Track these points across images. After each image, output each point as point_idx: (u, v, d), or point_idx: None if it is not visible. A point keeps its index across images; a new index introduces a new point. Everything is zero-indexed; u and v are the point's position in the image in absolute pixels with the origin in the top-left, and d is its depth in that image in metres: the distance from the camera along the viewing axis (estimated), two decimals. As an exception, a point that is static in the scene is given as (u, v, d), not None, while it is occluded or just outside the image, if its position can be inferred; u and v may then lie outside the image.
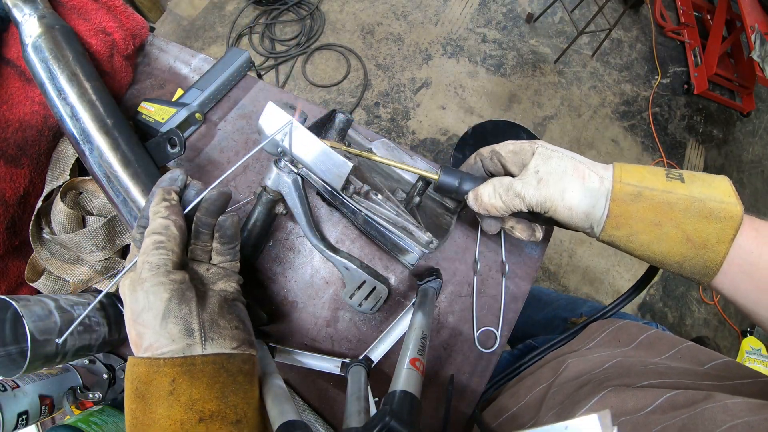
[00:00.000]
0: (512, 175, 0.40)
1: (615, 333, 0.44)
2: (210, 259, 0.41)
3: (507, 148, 0.40)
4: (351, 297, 0.52)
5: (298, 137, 0.42)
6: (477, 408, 0.50)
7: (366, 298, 0.52)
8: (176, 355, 0.31)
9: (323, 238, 0.52)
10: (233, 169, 0.41)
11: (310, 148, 0.42)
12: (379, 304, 0.53)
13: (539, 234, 0.41)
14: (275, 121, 0.42)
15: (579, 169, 0.36)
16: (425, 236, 0.45)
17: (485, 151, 0.42)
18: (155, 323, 0.31)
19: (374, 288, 0.52)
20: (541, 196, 0.36)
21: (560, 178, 0.35)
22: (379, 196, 0.46)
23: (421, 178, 0.48)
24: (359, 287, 0.52)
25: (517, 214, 0.41)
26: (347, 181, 0.42)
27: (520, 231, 0.41)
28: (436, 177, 0.42)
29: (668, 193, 0.34)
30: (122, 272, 0.35)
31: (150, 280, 0.32)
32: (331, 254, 0.51)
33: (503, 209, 0.38)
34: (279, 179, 0.48)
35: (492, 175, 0.43)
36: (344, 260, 0.51)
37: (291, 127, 0.41)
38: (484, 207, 0.39)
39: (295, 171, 0.48)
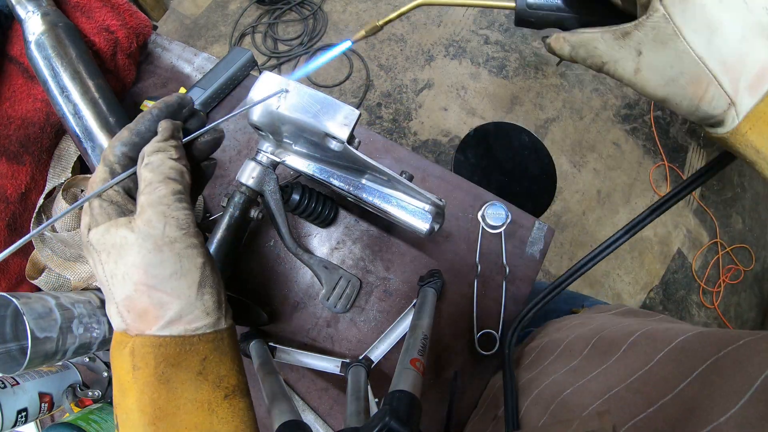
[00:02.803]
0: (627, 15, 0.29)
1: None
2: None
3: None
4: (328, 299, 0.51)
5: (295, 98, 0.40)
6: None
7: (340, 298, 0.52)
8: (208, 330, 0.28)
9: (299, 243, 0.51)
10: (237, 112, 0.40)
11: (311, 104, 0.39)
12: (353, 299, 0.53)
13: None
14: (271, 87, 0.40)
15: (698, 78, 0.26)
16: (428, 201, 0.45)
17: None
18: (189, 293, 0.27)
19: (349, 281, 0.52)
20: (633, 80, 0.28)
21: (665, 73, 0.27)
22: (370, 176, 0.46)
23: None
24: (335, 287, 0.51)
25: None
26: (352, 134, 0.40)
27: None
28: (512, 6, 0.33)
29: None
30: (87, 197, 0.28)
31: (181, 241, 0.27)
32: (309, 256, 0.51)
33: (605, 59, 0.29)
34: (260, 174, 0.46)
35: None
36: (322, 258, 0.51)
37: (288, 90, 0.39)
38: (580, 56, 0.30)
39: (278, 160, 0.47)
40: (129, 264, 0.26)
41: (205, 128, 0.34)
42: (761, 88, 0.25)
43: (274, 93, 0.39)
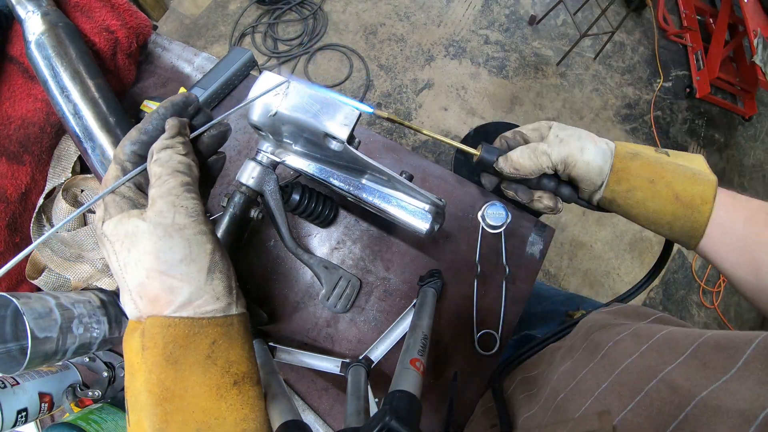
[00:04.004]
0: None
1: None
2: None
3: (527, 127, 0.47)
4: (328, 299, 0.52)
5: (295, 98, 0.40)
6: (495, 373, 0.51)
7: (340, 298, 0.52)
8: (218, 315, 0.28)
9: (299, 243, 0.51)
10: (230, 112, 0.40)
11: (311, 104, 0.39)
12: (353, 299, 0.53)
13: (561, 206, 0.47)
14: (270, 86, 0.40)
15: (590, 135, 0.43)
16: (428, 201, 0.45)
17: (509, 133, 0.47)
18: (199, 278, 0.28)
19: (349, 281, 0.52)
20: (564, 152, 0.42)
21: (578, 139, 0.42)
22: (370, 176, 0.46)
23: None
24: (335, 287, 0.51)
25: (541, 186, 0.47)
26: (352, 134, 0.40)
27: (546, 200, 0.46)
28: (477, 152, 0.46)
29: (659, 157, 0.41)
30: (102, 194, 0.29)
31: (191, 227, 0.28)
32: (309, 256, 0.51)
33: (531, 167, 0.43)
34: (260, 174, 0.46)
35: None
36: (322, 258, 0.51)
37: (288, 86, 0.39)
38: (513, 165, 0.44)
39: (278, 160, 0.47)
40: (141, 251, 0.27)
41: (210, 123, 0.35)
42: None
43: (277, 84, 0.39)
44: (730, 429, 0.22)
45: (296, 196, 0.52)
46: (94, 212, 0.61)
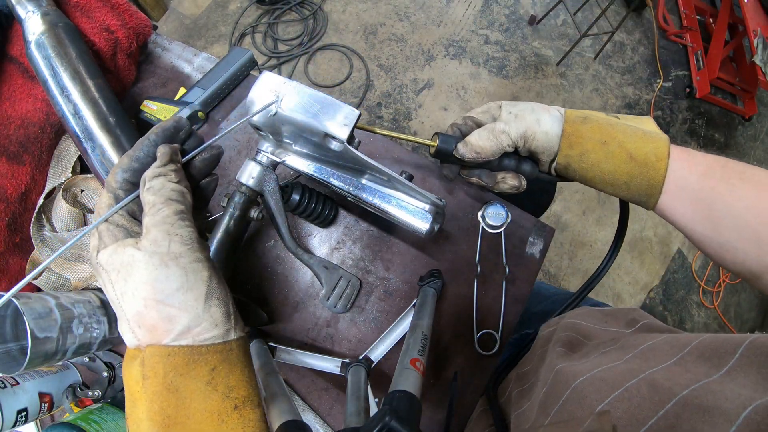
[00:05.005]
0: None
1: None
2: None
3: (476, 110, 0.47)
4: (328, 299, 0.52)
5: (295, 98, 0.40)
6: (490, 383, 0.51)
7: (340, 298, 0.52)
8: (217, 341, 0.28)
9: (299, 243, 0.51)
10: (231, 128, 0.40)
11: (311, 104, 0.39)
12: (353, 299, 0.53)
13: (524, 183, 0.47)
14: (270, 88, 0.40)
15: (541, 105, 0.43)
16: (428, 201, 0.46)
17: (459, 119, 0.47)
18: (197, 306, 0.28)
19: (349, 281, 0.52)
20: (522, 127, 0.42)
21: (531, 112, 0.42)
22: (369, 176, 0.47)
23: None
24: (335, 287, 0.52)
25: (503, 166, 0.46)
26: (352, 135, 0.40)
27: (510, 179, 0.46)
28: (434, 144, 0.46)
29: (609, 119, 0.41)
30: (95, 224, 0.29)
31: (186, 255, 0.28)
32: (309, 256, 0.51)
33: (492, 147, 0.43)
34: (260, 174, 0.46)
35: None
36: (322, 258, 0.51)
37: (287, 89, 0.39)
38: (473, 150, 0.43)
39: (278, 160, 0.47)
40: (137, 281, 0.27)
41: (202, 146, 0.35)
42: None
43: (267, 104, 0.40)
44: (711, 427, 0.22)
45: (296, 196, 0.52)
46: (92, 212, 0.61)
